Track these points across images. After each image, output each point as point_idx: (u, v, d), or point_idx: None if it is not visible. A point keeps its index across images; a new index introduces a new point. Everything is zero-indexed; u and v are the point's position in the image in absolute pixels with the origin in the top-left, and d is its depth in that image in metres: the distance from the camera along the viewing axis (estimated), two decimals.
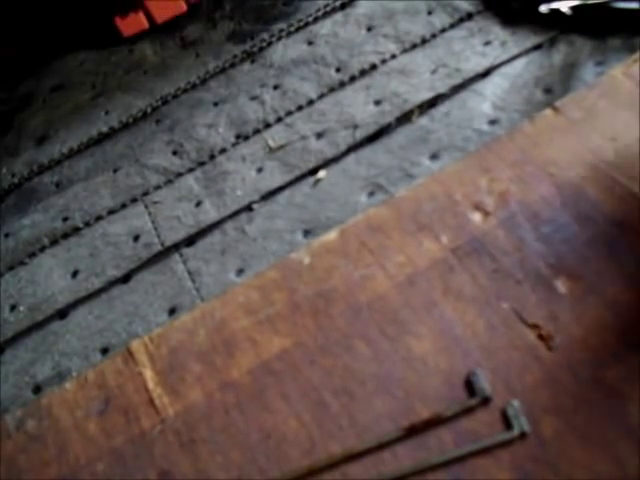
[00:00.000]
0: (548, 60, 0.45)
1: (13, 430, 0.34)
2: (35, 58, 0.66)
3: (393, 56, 0.50)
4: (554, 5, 0.46)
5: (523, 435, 0.27)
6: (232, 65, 0.56)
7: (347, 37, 0.53)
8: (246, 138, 0.49)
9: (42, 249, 0.48)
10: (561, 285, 0.31)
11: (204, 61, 0.58)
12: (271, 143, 0.48)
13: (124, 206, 0.48)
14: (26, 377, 0.41)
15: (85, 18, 0.64)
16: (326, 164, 0.45)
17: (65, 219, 0.50)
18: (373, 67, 0.50)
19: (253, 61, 0.56)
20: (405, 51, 0.50)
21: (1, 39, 0.64)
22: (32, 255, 0.48)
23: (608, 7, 0.43)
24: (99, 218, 0.48)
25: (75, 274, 0.45)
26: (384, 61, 0.50)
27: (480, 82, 0.46)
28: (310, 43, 0.55)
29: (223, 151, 0.49)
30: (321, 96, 0.50)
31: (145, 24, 0.62)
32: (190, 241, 0.44)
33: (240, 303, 0.35)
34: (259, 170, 0.46)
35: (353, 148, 0.45)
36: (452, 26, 0.50)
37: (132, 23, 0.62)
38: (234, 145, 0.49)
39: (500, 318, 0.31)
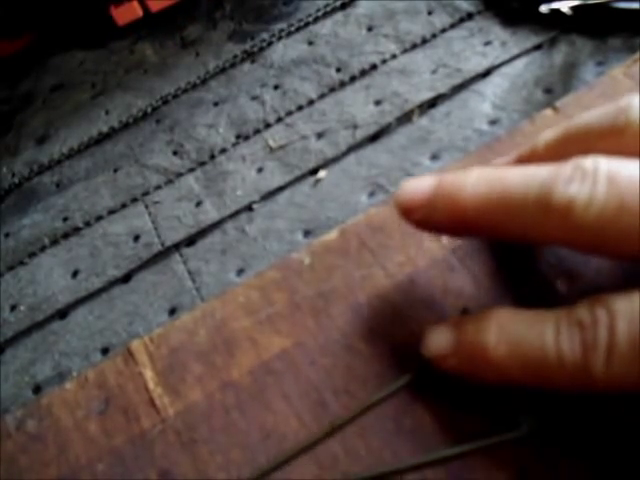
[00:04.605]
0: (548, 60, 0.45)
1: (13, 430, 0.34)
2: (34, 57, 0.66)
3: (393, 56, 0.50)
4: (554, 5, 0.46)
5: (524, 435, 0.27)
6: (232, 65, 0.56)
7: (347, 37, 0.53)
8: (246, 138, 0.49)
9: (42, 249, 0.48)
10: (561, 285, 0.31)
11: (204, 61, 0.58)
12: (271, 143, 0.48)
13: (124, 206, 0.48)
14: (26, 377, 0.40)
15: (80, 7, 0.64)
16: (326, 164, 0.45)
17: (65, 219, 0.49)
18: (373, 67, 0.50)
19: (253, 61, 0.56)
20: (405, 51, 0.50)
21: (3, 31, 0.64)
22: (32, 255, 0.48)
23: (608, 7, 0.43)
24: (99, 218, 0.48)
25: (75, 274, 0.45)
26: (384, 61, 0.50)
27: (480, 82, 0.45)
28: (310, 43, 0.55)
29: (223, 151, 0.49)
30: (321, 96, 0.50)
31: (139, 12, 0.62)
32: (190, 241, 0.44)
33: (240, 303, 0.35)
34: (259, 170, 0.46)
35: (353, 148, 0.45)
36: (452, 26, 0.50)
37: (126, 12, 0.62)
38: (234, 145, 0.49)
39: None
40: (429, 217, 0.26)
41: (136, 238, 0.46)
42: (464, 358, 0.24)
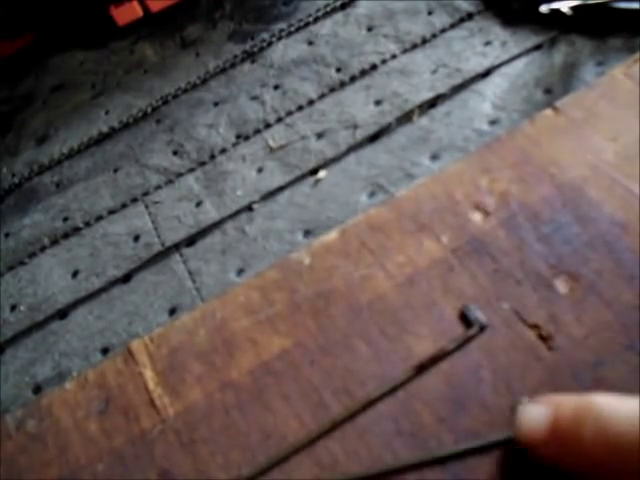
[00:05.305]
0: (548, 60, 0.45)
1: (13, 430, 0.34)
2: (34, 57, 0.66)
3: (393, 56, 0.50)
4: (554, 5, 0.46)
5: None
6: (232, 65, 0.56)
7: (347, 37, 0.53)
8: (246, 138, 0.49)
9: (42, 249, 0.48)
10: (561, 285, 0.31)
11: (204, 61, 0.58)
12: (271, 143, 0.48)
13: (124, 206, 0.48)
14: (26, 377, 0.41)
15: (80, 7, 0.64)
16: (326, 164, 0.45)
17: (65, 219, 0.49)
18: (373, 67, 0.50)
19: (253, 61, 0.56)
20: (405, 51, 0.50)
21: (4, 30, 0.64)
22: (32, 255, 0.48)
23: (608, 7, 0.43)
24: (99, 218, 0.48)
25: (75, 274, 0.45)
26: (384, 61, 0.50)
27: (480, 82, 0.45)
28: (310, 43, 0.55)
29: (223, 151, 0.49)
30: (321, 96, 0.50)
31: (139, 12, 0.62)
32: (190, 241, 0.44)
33: (240, 303, 0.35)
34: (259, 170, 0.46)
35: (353, 148, 0.45)
36: (452, 26, 0.50)
37: (126, 12, 0.62)
38: (234, 145, 0.49)
39: (500, 318, 0.31)
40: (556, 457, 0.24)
41: (136, 238, 0.46)
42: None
